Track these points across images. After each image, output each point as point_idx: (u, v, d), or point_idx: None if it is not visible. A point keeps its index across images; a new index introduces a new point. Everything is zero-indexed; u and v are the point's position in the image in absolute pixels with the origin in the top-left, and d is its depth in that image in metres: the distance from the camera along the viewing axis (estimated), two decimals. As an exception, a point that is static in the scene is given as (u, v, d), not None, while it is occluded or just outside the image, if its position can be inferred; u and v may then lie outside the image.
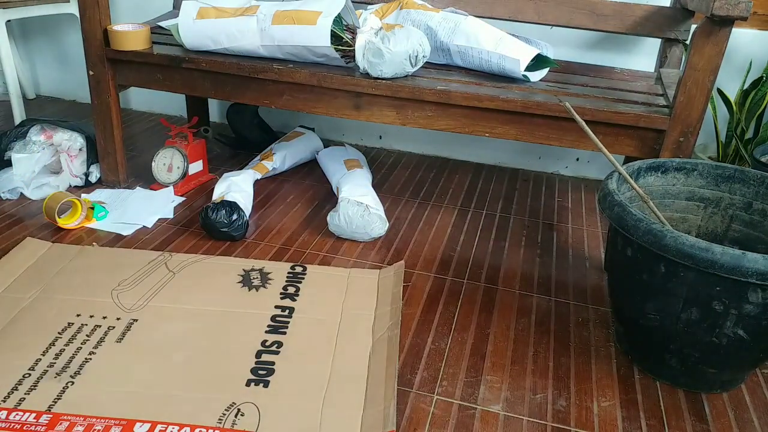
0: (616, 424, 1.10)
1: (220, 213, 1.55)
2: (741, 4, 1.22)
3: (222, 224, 1.55)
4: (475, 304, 1.41)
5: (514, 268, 1.57)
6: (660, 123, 1.41)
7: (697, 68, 1.34)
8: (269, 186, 1.93)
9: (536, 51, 1.60)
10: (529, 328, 1.34)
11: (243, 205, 1.62)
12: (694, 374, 1.17)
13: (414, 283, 1.47)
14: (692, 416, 1.13)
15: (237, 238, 1.58)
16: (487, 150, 2.24)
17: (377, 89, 1.52)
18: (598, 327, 1.36)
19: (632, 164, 1.30)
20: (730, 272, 0.98)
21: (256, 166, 1.91)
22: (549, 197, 2.01)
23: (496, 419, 1.09)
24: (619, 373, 1.22)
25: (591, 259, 1.63)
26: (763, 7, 1.88)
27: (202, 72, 1.65)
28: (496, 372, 1.20)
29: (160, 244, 1.57)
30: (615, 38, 1.98)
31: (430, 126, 1.56)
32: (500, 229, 1.77)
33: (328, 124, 2.32)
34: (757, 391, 1.21)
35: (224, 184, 1.69)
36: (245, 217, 1.60)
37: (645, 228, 1.06)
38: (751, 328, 1.05)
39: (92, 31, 1.67)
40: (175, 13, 2.06)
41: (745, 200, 1.32)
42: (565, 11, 1.81)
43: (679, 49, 1.79)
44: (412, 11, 1.70)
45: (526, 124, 1.50)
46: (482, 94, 1.47)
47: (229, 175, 1.74)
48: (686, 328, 1.09)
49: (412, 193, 1.96)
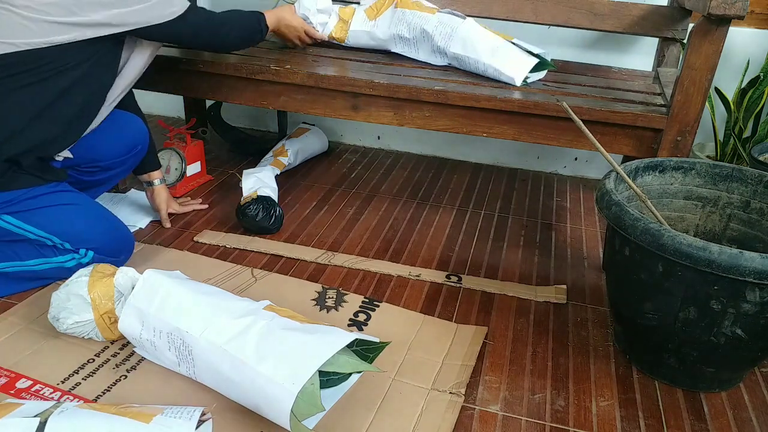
0: (614, 423, 1.10)
1: (258, 208, 1.60)
2: (738, 3, 1.22)
3: (263, 219, 1.61)
4: (474, 304, 1.41)
5: (513, 268, 1.57)
6: (657, 122, 1.41)
7: (694, 67, 1.34)
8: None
9: (532, 63, 1.58)
10: (528, 328, 1.34)
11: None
12: (692, 373, 1.17)
13: (413, 284, 1.47)
14: (691, 415, 1.13)
15: (274, 231, 1.65)
16: (486, 150, 2.24)
17: (375, 89, 1.52)
18: (597, 327, 1.36)
19: (630, 163, 1.30)
20: (727, 271, 0.98)
21: (273, 162, 1.92)
22: (547, 197, 2.01)
23: (494, 419, 1.09)
24: (617, 373, 1.22)
25: (589, 259, 1.63)
26: (760, 6, 1.88)
27: (200, 73, 1.65)
28: (494, 372, 1.20)
29: (158, 246, 1.57)
30: (612, 37, 1.98)
31: (428, 126, 1.56)
32: (498, 229, 1.77)
33: (326, 124, 2.32)
34: (756, 390, 1.21)
35: (250, 180, 1.69)
36: (280, 211, 1.66)
37: (642, 227, 1.06)
38: (748, 327, 1.05)
39: (89, 33, 1.67)
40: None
41: (743, 199, 1.32)
42: (563, 11, 1.81)
43: (676, 48, 1.79)
44: (407, 12, 1.66)
45: (524, 123, 1.50)
46: (480, 94, 1.47)
47: (252, 171, 1.75)
48: (684, 327, 1.09)
49: (411, 193, 1.96)
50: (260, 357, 0.99)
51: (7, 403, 0.88)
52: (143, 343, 1.12)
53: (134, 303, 1.11)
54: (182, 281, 1.16)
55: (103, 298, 1.15)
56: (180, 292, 1.11)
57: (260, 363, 0.98)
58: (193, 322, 1.06)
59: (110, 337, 1.18)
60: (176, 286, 1.12)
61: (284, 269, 1.49)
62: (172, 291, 1.11)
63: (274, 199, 1.67)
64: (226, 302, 1.11)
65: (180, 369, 1.11)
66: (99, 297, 1.15)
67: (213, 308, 1.09)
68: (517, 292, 1.45)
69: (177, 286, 1.12)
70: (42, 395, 1.06)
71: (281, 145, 2.02)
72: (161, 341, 1.09)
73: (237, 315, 1.06)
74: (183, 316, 1.07)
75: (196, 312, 1.08)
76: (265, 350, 1.00)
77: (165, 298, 1.10)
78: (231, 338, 1.03)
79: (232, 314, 1.07)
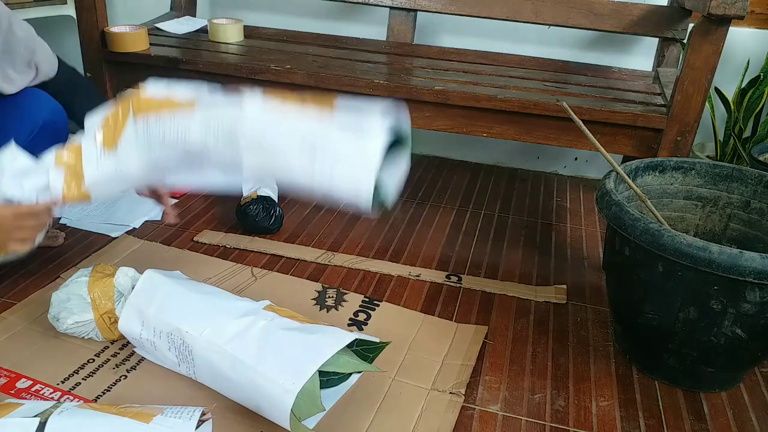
0: (614, 423, 1.10)
1: (258, 208, 1.60)
2: (738, 3, 1.22)
3: (263, 219, 1.60)
4: (474, 304, 1.41)
5: (513, 268, 1.57)
6: (657, 122, 1.41)
7: (694, 67, 1.34)
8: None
9: (374, 169, 0.91)
10: (528, 327, 1.34)
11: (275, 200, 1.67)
12: (692, 373, 1.17)
13: (413, 284, 1.47)
14: (691, 415, 1.13)
15: (273, 231, 1.64)
16: (485, 150, 2.24)
17: (375, 89, 1.52)
18: (597, 327, 1.36)
19: (630, 163, 1.30)
20: (727, 271, 0.98)
21: None
22: (547, 197, 2.01)
23: (494, 419, 1.09)
24: (617, 373, 1.22)
25: (589, 259, 1.63)
26: (760, 6, 1.88)
27: (200, 73, 1.65)
28: (494, 372, 1.20)
29: (158, 246, 1.57)
30: (612, 37, 1.98)
31: (428, 126, 1.56)
32: (498, 229, 1.77)
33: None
34: (756, 390, 1.21)
35: (250, 180, 1.69)
36: (280, 211, 1.65)
37: (642, 227, 1.06)
38: (749, 327, 1.05)
39: (90, 33, 1.67)
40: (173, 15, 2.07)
41: (743, 199, 1.32)
42: (563, 10, 1.81)
43: (676, 48, 1.79)
44: (152, 120, 0.98)
45: (524, 123, 1.50)
46: (480, 94, 1.47)
47: None
48: (684, 327, 1.09)
49: (410, 193, 1.96)
50: (260, 357, 0.99)
51: (7, 403, 0.88)
52: (143, 343, 1.12)
53: (134, 303, 1.11)
54: (182, 281, 1.16)
55: (103, 298, 1.15)
56: (180, 292, 1.11)
57: (260, 363, 0.98)
58: (193, 322, 1.06)
59: (110, 337, 1.18)
60: (176, 286, 1.12)
61: (284, 269, 1.49)
62: (172, 291, 1.11)
63: (274, 199, 1.67)
64: (226, 302, 1.11)
65: (180, 369, 1.11)
66: (99, 297, 1.15)
67: (213, 308, 1.09)
68: (517, 292, 1.45)
69: (177, 286, 1.12)
70: (42, 395, 1.06)
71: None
72: (161, 341, 1.09)
73: (237, 315, 1.07)
74: (183, 316, 1.07)
75: (196, 312, 1.08)
76: (265, 350, 1.00)
77: (165, 298, 1.10)
78: (231, 338, 1.03)
79: (232, 314, 1.07)
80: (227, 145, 0.93)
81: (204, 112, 0.94)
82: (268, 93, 0.96)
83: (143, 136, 0.97)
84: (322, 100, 0.92)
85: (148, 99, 0.96)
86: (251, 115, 0.91)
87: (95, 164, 0.98)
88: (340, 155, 0.88)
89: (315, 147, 0.89)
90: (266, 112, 0.92)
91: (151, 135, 0.96)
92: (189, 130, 0.94)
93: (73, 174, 0.98)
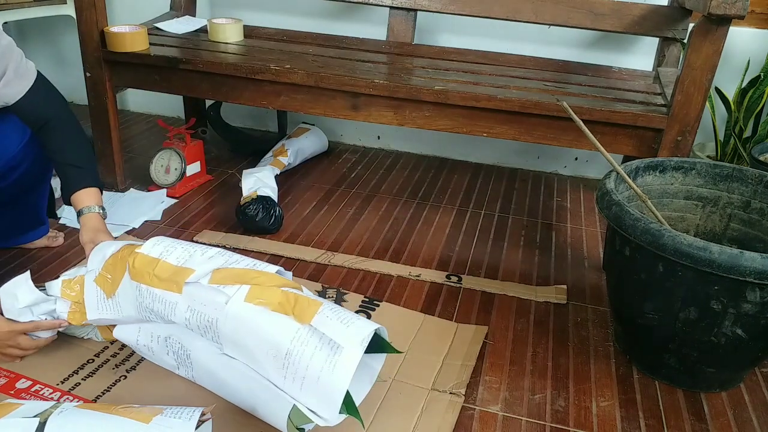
0: (615, 423, 1.10)
1: (258, 208, 1.60)
2: (738, 3, 1.22)
3: (263, 219, 1.61)
4: (474, 304, 1.41)
5: (513, 268, 1.57)
6: (658, 122, 1.41)
7: (694, 67, 1.34)
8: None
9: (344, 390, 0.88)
10: (528, 328, 1.34)
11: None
12: (692, 374, 1.17)
13: (413, 284, 1.47)
14: (691, 416, 1.13)
15: (273, 231, 1.65)
16: (486, 150, 2.24)
17: (375, 89, 1.52)
18: (597, 327, 1.36)
19: (630, 163, 1.30)
20: (727, 271, 0.98)
21: (273, 162, 1.92)
22: (547, 197, 2.00)
23: (494, 419, 1.09)
24: (617, 373, 1.22)
25: (590, 259, 1.63)
26: (760, 5, 1.88)
27: (200, 73, 1.64)
28: (494, 372, 1.20)
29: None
30: (613, 37, 1.98)
31: (428, 126, 1.56)
32: (499, 229, 1.77)
33: (326, 124, 2.31)
34: (756, 390, 1.21)
35: (250, 180, 1.69)
36: (280, 211, 1.65)
37: (643, 227, 1.06)
38: (749, 327, 1.05)
39: (89, 33, 1.67)
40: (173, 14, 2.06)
41: (743, 199, 1.31)
42: (563, 10, 1.81)
43: (676, 48, 1.79)
44: (144, 289, 1.03)
45: (524, 123, 1.50)
46: (480, 94, 1.47)
47: (251, 171, 1.75)
48: (685, 327, 1.09)
49: (411, 193, 1.96)
50: None
51: (6, 403, 0.88)
52: (140, 348, 1.12)
53: None
54: None
55: None
56: None
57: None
58: None
59: (110, 337, 1.18)
60: None
61: (284, 269, 1.49)
62: None
63: (273, 199, 1.67)
64: None
65: (179, 372, 1.11)
66: None
67: None
68: (518, 292, 1.45)
69: None
70: (42, 395, 1.06)
71: (281, 144, 2.02)
72: (159, 346, 1.09)
73: None
74: None
75: None
76: None
77: None
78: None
79: None
80: (207, 332, 1.00)
81: (190, 300, 1.00)
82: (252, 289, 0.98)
83: (135, 298, 1.06)
84: (307, 306, 0.94)
85: (143, 265, 1.04)
86: (232, 317, 0.96)
87: (96, 305, 1.10)
88: (311, 377, 0.90)
89: (287, 365, 0.92)
90: (246, 320, 0.95)
91: (142, 302, 1.05)
92: (175, 311, 1.01)
93: (77, 307, 1.11)
